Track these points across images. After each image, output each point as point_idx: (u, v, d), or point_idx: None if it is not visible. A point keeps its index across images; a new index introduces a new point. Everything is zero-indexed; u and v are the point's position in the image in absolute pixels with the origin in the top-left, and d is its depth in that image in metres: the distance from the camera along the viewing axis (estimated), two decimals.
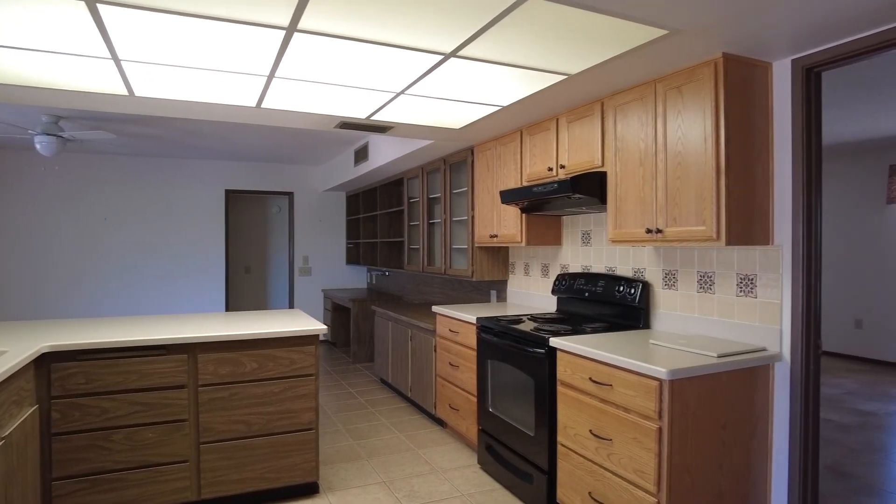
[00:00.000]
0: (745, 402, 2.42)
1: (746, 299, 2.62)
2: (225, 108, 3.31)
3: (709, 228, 2.41)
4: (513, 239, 3.85)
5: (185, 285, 7.27)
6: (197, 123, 5.23)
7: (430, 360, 4.34)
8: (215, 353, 2.93)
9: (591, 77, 2.70)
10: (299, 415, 3.11)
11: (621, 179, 2.89)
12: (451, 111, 3.34)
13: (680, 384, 2.22)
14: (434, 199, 5.27)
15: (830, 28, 2.12)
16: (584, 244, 3.69)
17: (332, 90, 2.93)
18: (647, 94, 2.72)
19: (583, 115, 3.16)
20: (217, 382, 2.94)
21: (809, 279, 2.40)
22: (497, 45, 2.27)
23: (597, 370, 2.53)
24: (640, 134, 2.77)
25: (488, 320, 3.49)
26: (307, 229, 7.98)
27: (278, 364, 3.05)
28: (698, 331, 2.85)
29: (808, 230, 2.40)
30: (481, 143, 4.29)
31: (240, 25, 2.09)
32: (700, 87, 2.45)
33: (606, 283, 3.33)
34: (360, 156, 6.03)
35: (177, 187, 7.25)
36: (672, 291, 3.01)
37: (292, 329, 3.06)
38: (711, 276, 2.80)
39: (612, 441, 2.43)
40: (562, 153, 3.34)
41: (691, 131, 2.49)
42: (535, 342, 2.97)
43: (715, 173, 2.39)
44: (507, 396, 3.27)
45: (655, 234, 2.67)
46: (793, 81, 2.43)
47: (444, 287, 5.69)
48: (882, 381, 5.92)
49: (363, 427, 4.37)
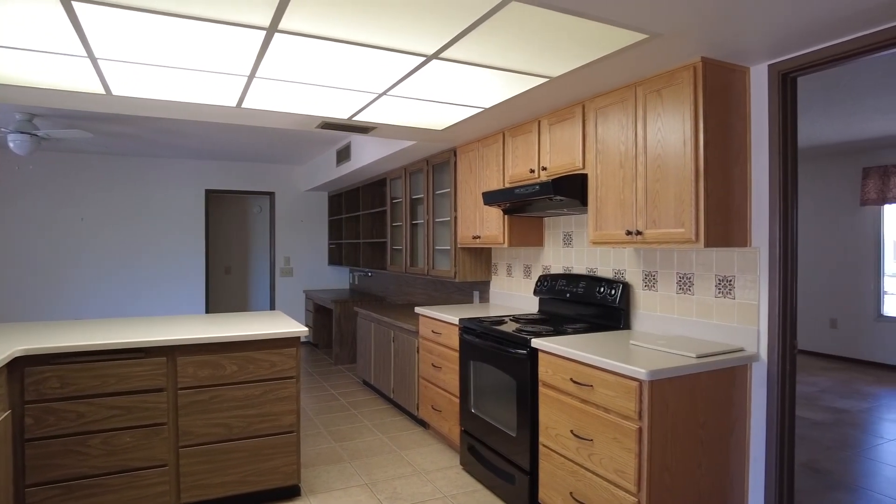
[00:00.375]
0: (724, 402, 2.46)
1: (725, 300, 2.66)
2: (205, 108, 3.27)
3: (688, 230, 2.44)
4: (495, 240, 3.87)
5: (165, 286, 7.18)
6: (176, 122, 5.17)
7: (413, 362, 4.34)
8: (195, 356, 2.89)
9: (573, 80, 2.72)
10: (280, 417, 3.09)
11: (602, 182, 2.91)
12: (433, 112, 3.34)
13: (659, 384, 2.24)
14: (417, 200, 5.27)
15: (805, 34, 2.16)
16: (566, 245, 3.72)
17: (313, 90, 2.92)
18: (627, 97, 2.75)
19: (564, 117, 3.18)
20: (197, 385, 2.90)
21: (786, 281, 2.44)
22: (479, 47, 2.28)
23: (578, 371, 2.55)
24: (621, 136, 2.79)
25: (471, 321, 3.50)
26: (289, 230, 7.92)
27: (259, 366, 3.03)
28: (678, 331, 2.88)
29: (784, 233, 2.45)
30: (464, 144, 4.30)
31: (219, 25, 2.06)
32: (679, 91, 2.48)
33: (587, 284, 3.35)
34: (342, 156, 6.00)
35: (156, 187, 7.15)
36: (652, 292, 3.05)
37: (273, 331, 3.03)
38: (691, 277, 2.83)
39: (593, 441, 2.45)
40: (543, 155, 3.36)
41: (671, 134, 2.52)
42: (517, 343, 2.98)
43: (694, 176, 2.42)
44: (489, 397, 3.28)
45: (635, 235, 2.69)
46: (769, 86, 2.47)
47: (427, 288, 5.69)
48: (855, 379, 6.04)
49: (345, 429, 4.36)
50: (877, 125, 5.31)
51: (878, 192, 6.63)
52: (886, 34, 2.07)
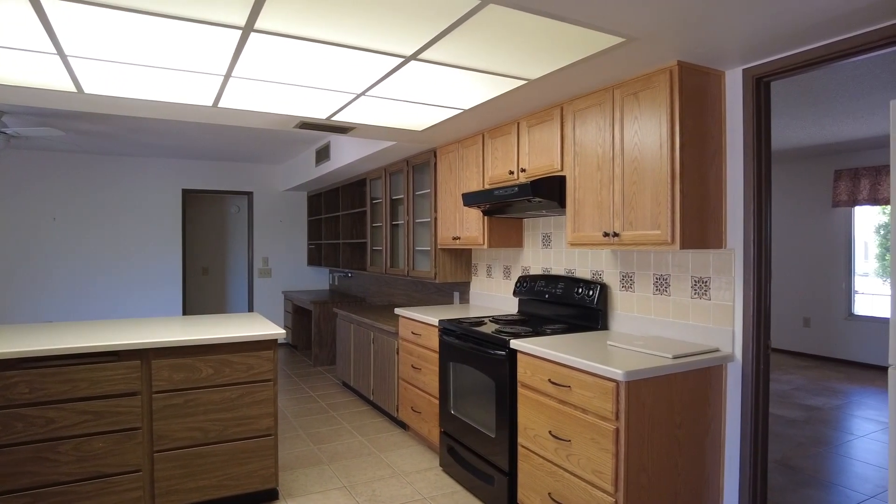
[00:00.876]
0: (700, 402, 2.49)
1: (701, 301, 2.70)
2: (180, 108, 3.22)
3: (664, 232, 2.47)
4: (475, 241, 3.87)
5: (140, 288, 7.05)
6: (151, 121, 5.08)
7: (393, 363, 4.32)
8: (170, 359, 2.85)
9: (551, 82, 2.74)
10: (257, 420, 3.05)
11: (580, 184, 2.93)
12: (413, 113, 3.33)
13: (636, 385, 2.26)
14: (397, 201, 5.25)
15: (779, 40, 2.20)
16: (545, 246, 3.73)
17: (291, 90, 2.89)
18: (605, 99, 2.77)
19: (543, 119, 3.19)
20: (172, 389, 2.86)
21: (760, 282, 2.48)
22: (458, 49, 2.27)
23: (556, 372, 2.56)
24: (598, 139, 2.81)
25: (450, 322, 3.49)
26: (267, 230, 7.84)
27: (235, 369, 2.99)
28: (654, 332, 2.91)
29: (758, 235, 2.48)
30: (444, 145, 4.29)
31: (194, 24, 2.03)
32: (656, 94, 2.50)
33: (566, 284, 3.37)
34: (321, 156, 5.96)
35: (131, 186, 7.02)
36: (629, 293, 3.07)
37: (249, 333, 3.00)
38: (667, 278, 2.86)
39: (571, 442, 2.46)
40: (522, 157, 3.37)
41: (647, 137, 2.54)
42: (496, 344, 2.98)
43: (670, 178, 2.44)
44: (468, 398, 3.28)
45: (612, 237, 2.72)
46: (744, 90, 2.51)
47: (407, 289, 5.68)
48: (827, 377, 6.17)
49: (324, 431, 4.32)
50: (847, 129, 5.43)
51: (848, 194, 6.78)
52: (856, 41, 2.12)
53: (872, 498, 3.25)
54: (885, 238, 6.92)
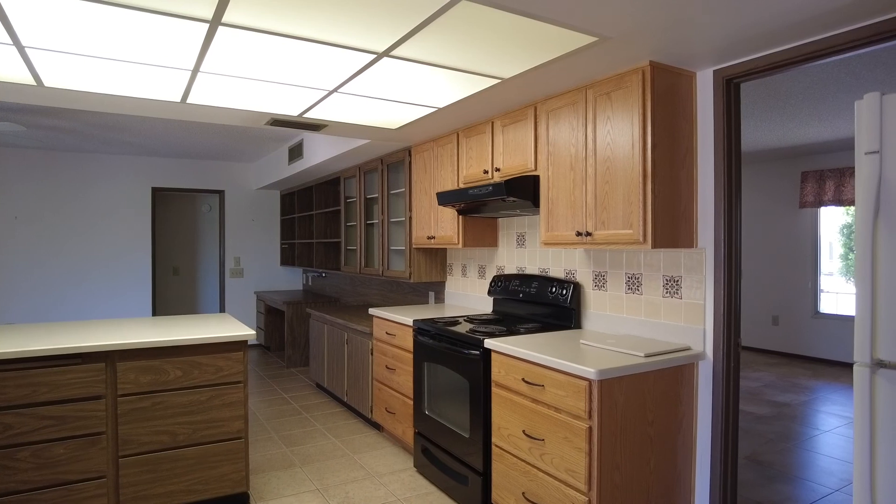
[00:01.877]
0: (672, 400, 2.51)
1: (672, 300, 2.72)
2: (147, 103, 3.14)
3: (636, 232, 2.48)
4: (450, 241, 3.85)
5: (108, 288, 6.87)
6: (118, 117, 4.95)
7: (367, 364, 4.28)
8: (136, 361, 2.77)
9: (524, 81, 2.73)
10: (227, 423, 2.99)
11: (553, 183, 2.93)
12: (386, 111, 3.30)
13: (608, 384, 2.27)
14: (372, 200, 5.21)
15: (749, 41, 2.23)
16: (520, 246, 3.74)
17: (261, 86, 2.83)
18: (578, 99, 2.77)
19: (517, 118, 3.19)
20: (138, 392, 2.78)
21: (730, 282, 2.51)
22: (430, 46, 2.25)
23: (529, 371, 2.55)
24: (571, 139, 2.82)
25: (424, 322, 3.47)
26: (239, 229, 7.72)
27: (204, 371, 2.92)
28: (627, 330, 2.93)
29: (728, 235, 2.51)
30: (419, 143, 4.27)
31: (160, 16, 1.97)
32: (628, 94, 2.52)
33: (540, 284, 3.38)
34: (294, 154, 5.88)
35: (98, 184, 6.84)
36: (602, 292, 3.09)
37: (219, 335, 2.93)
38: (639, 277, 2.88)
39: (545, 441, 2.46)
40: (497, 156, 3.37)
41: (620, 137, 2.56)
42: (471, 344, 2.97)
43: (642, 178, 2.46)
44: (443, 398, 3.26)
45: (585, 237, 2.72)
46: (714, 91, 2.54)
47: (382, 288, 5.64)
48: (796, 374, 6.31)
49: (297, 433, 4.26)
50: (813, 131, 5.56)
51: (815, 196, 6.94)
52: (823, 43, 2.15)
53: (837, 491, 3.32)
54: (848, 238, 7.11)
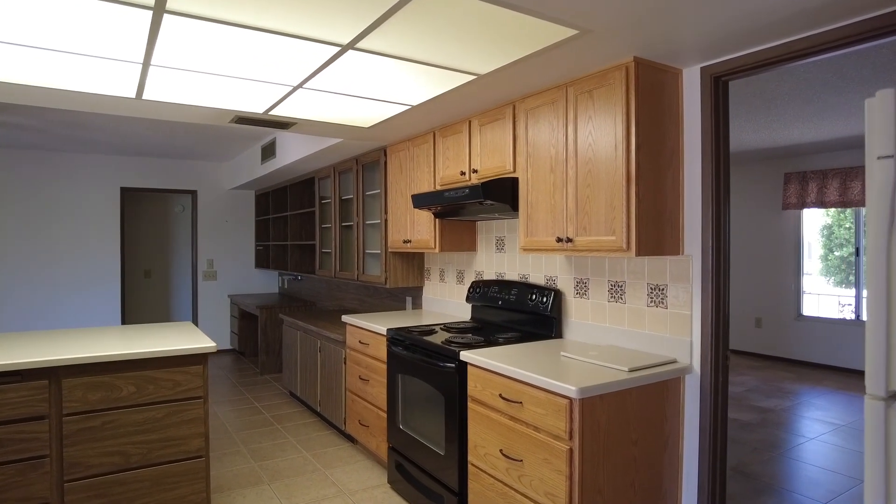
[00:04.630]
0: (657, 417, 2.37)
1: (657, 309, 2.58)
2: (100, 99, 2.92)
3: (619, 238, 2.34)
4: (426, 245, 3.69)
5: (75, 294, 6.58)
6: (78, 114, 4.70)
7: (340, 373, 4.10)
8: (83, 377, 2.56)
9: (502, 78, 2.58)
10: (186, 441, 2.79)
11: (532, 186, 2.78)
12: (357, 108, 3.13)
13: (591, 402, 2.12)
14: (347, 201, 5.02)
15: (737, 37, 2.09)
16: (499, 251, 3.58)
17: (222, 82, 2.64)
18: (558, 98, 2.62)
19: (495, 118, 3.03)
20: (86, 410, 2.57)
21: (718, 291, 2.38)
22: (399, 38, 2.09)
23: (507, 386, 2.40)
24: (551, 139, 2.67)
25: (399, 331, 3.30)
26: (212, 230, 7.46)
27: (160, 387, 2.72)
28: (609, 341, 2.79)
29: (717, 241, 2.38)
30: (394, 143, 4.09)
31: (101, 2, 1.78)
32: (611, 92, 2.37)
33: (519, 291, 3.22)
34: (267, 153, 5.67)
35: (63, 184, 6.54)
36: (584, 300, 2.95)
37: (175, 347, 2.73)
38: (622, 285, 2.74)
39: (523, 462, 2.30)
40: (474, 157, 3.20)
41: (602, 137, 2.41)
42: (445, 356, 2.81)
43: (625, 181, 2.32)
44: (417, 412, 3.10)
45: (566, 243, 2.57)
46: (702, 89, 2.40)
47: (359, 293, 5.45)
48: (779, 377, 6.24)
49: (266, 446, 4.07)
50: (797, 133, 5.49)
51: (797, 197, 6.89)
52: (814, 40, 2.02)
53: None
54: (828, 239, 7.07)
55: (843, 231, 6.99)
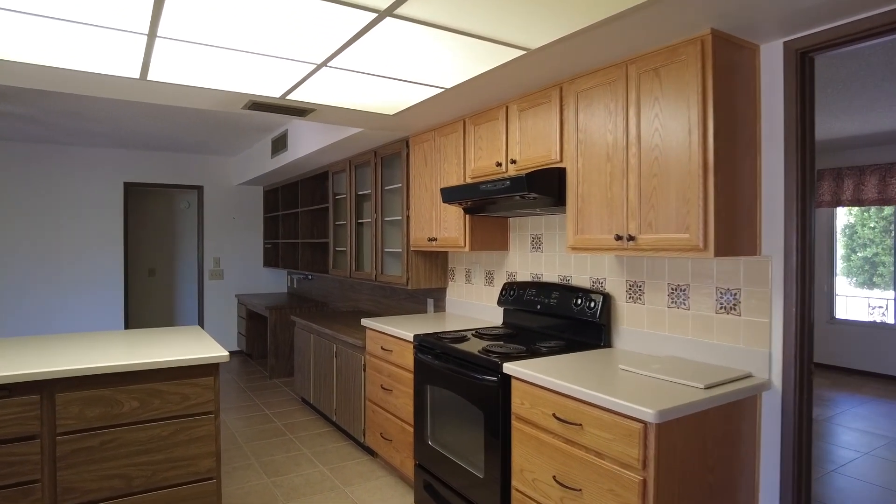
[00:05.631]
0: (732, 439, 2.07)
1: (728, 317, 2.28)
2: (100, 80, 2.63)
3: (693, 236, 2.04)
4: (455, 243, 3.39)
5: (76, 294, 6.30)
6: (78, 103, 4.42)
7: (359, 381, 3.81)
8: (80, 391, 2.28)
9: (553, 55, 2.28)
10: (196, 462, 2.51)
11: (584, 177, 2.48)
12: (384, 92, 2.83)
13: (668, 426, 1.83)
14: (363, 196, 4.73)
15: (825, 6, 1.79)
16: (535, 250, 3.28)
17: (236, 59, 2.35)
18: (616, 77, 2.32)
19: (537, 102, 2.73)
20: (83, 429, 2.29)
21: (803, 296, 2.08)
22: (444, 4, 1.79)
23: (562, 405, 2.10)
24: (608, 124, 2.37)
25: (427, 338, 3.01)
26: (219, 228, 7.17)
27: (167, 401, 2.44)
28: (669, 351, 2.49)
29: (801, 239, 2.08)
30: (418, 133, 3.79)
31: None
32: (683, 70, 2.07)
33: (561, 294, 2.92)
34: (277, 145, 5.38)
35: (63, 178, 6.26)
36: (638, 306, 2.65)
37: (184, 357, 2.45)
38: (685, 289, 2.44)
39: (582, 492, 2.01)
40: (512, 146, 2.91)
41: (671, 121, 2.11)
42: (485, 367, 2.51)
43: (702, 170, 2.02)
44: (450, 428, 2.80)
45: (627, 241, 2.27)
46: (785, 67, 2.10)
47: (374, 293, 5.16)
48: (815, 384, 5.91)
49: (280, 459, 3.78)
50: (838, 125, 5.17)
51: (831, 195, 6.57)
52: None
53: None
54: (850, 239, 6.75)
55: (867, 231, 6.68)
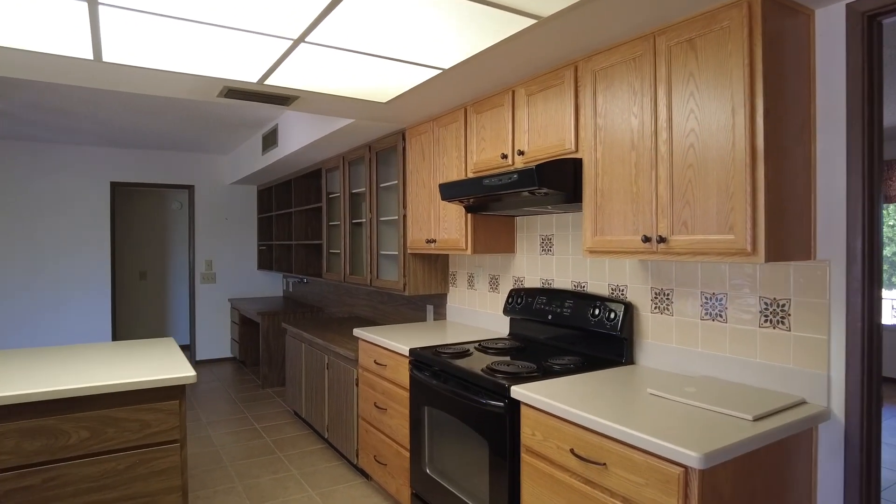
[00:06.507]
0: (783, 480, 1.74)
1: (775, 332, 1.94)
2: (46, 60, 2.31)
3: (739, 237, 1.70)
4: (456, 245, 3.06)
5: (59, 298, 5.99)
6: (60, 98, 4.11)
7: (352, 397, 3.48)
8: (17, 421, 1.96)
9: (567, 24, 1.94)
10: (158, 499, 2.18)
11: (604, 169, 2.15)
12: (374, 75, 2.50)
13: (713, 471, 1.49)
14: (358, 195, 4.41)
15: None
16: (545, 252, 2.94)
17: (201, 34, 2.02)
18: (641, 52, 1.99)
19: (548, 84, 2.40)
20: (20, 465, 1.97)
21: (871, 309, 1.74)
22: None
23: (582, 439, 1.77)
24: (632, 107, 2.03)
25: (424, 353, 2.67)
26: (211, 229, 6.86)
27: (123, 429, 2.11)
28: (702, 370, 2.15)
29: (868, 241, 1.74)
30: (415, 125, 3.46)
31: None
32: (724, 40, 1.73)
33: (576, 303, 2.59)
34: (268, 141, 5.06)
35: (44, 178, 5.95)
36: (665, 317, 2.31)
37: (142, 378, 2.12)
38: (721, 298, 2.10)
39: None
40: (519, 136, 2.57)
41: (711, 102, 1.77)
42: (490, 390, 2.18)
43: (749, 159, 1.68)
44: (450, 456, 2.47)
45: (657, 243, 1.94)
46: (848, 34, 1.76)
47: (371, 298, 4.83)
48: None
49: (266, 482, 3.45)
50: None
51: None
52: None
53: None
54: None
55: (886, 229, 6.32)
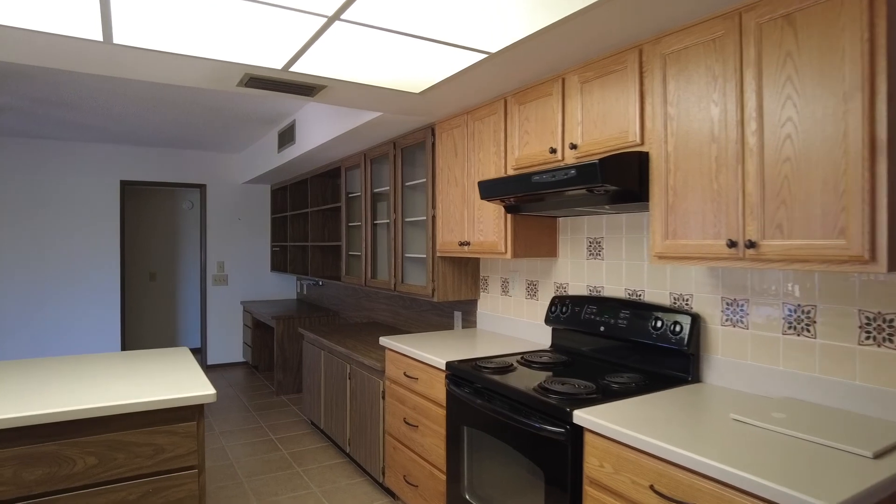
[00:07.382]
0: None
1: (880, 350, 1.69)
2: (53, 42, 2.09)
3: (853, 243, 1.45)
4: (493, 248, 2.82)
5: (67, 299, 5.80)
6: (69, 93, 3.90)
7: (377, 410, 3.25)
8: (17, 447, 1.74)
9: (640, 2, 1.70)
10: None
11: (676, 163, 1.90)
12: (410, 62, 2.27)
13: None
14: (380, 195, 4.18)
15: None
16: (593, 257, 2.70)
17: (220, 10, 1.80)
18: (723, 31, 1.74)
19: (607, 70, 2.15)
20: (20, 497, 1.75)
21: None
22: None
23: (665, 475, 1.52)
24: (712, 94, 1.79)
25: (463, 366, 2.43)
26: (223, 229, 6.65)
27: (134, 455, 1.89)
28: (783, 391, 1.90)
29: None
30: (446, 118, 3.23)
31: None
32: (835, 12, 1.48)
33: (633, 313, 2.34)
34: (285, 138, 4.84)
35: (52, 176, 5.76)
36: (738, 330, 2.06)
37: (155, 398, 1.90)
38: (809, 311, 1.85)
39: None
40: (572, 127, 2.33)
41: (814, 86, 1.53)
42: (547, 414, 1.94)
43: (868, 152, 1.43)
44: (494, 483, 2.23)
45: (746, 248, 1.69)
46: None
47: (392, 303, 4.60)
48: None
49: (284, 501, 3.22)
50: None
51: None
52: None
53: None
54: None
55: None
